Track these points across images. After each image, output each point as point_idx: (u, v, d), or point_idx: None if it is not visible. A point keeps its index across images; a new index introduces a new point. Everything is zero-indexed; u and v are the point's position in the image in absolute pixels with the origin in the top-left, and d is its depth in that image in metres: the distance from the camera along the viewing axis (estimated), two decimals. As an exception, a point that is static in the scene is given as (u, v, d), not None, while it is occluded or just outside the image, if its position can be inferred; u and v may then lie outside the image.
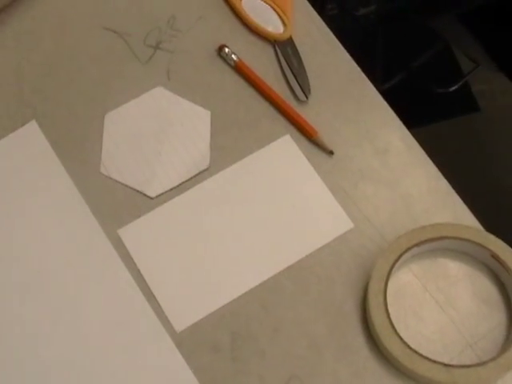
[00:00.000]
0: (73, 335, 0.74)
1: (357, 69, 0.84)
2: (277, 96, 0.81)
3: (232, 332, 0.73)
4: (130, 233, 0.77)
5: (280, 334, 0.73)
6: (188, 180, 0.79)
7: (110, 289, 0.75)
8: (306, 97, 0.81)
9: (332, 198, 0.78)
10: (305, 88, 0.81)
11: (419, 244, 0.73)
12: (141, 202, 0.78)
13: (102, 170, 0.79)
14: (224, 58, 0.83)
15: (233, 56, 0.83)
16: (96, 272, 0.76)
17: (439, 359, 0.70)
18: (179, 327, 0.74)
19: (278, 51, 0.84)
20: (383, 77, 1.55)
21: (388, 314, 0.71)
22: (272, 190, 0.79)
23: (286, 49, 0.83)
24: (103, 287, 0.75)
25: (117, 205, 0.78)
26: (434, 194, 0.78)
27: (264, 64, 0.84)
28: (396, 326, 0.70)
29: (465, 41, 1.25)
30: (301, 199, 0.78)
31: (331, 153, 0.79)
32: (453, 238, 0.74)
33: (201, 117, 0.81)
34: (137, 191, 0.78)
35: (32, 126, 0.81)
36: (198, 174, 0.79)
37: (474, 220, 0.77)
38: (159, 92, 0.83)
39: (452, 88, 1.63)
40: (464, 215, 0.78)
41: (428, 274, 0.75)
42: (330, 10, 1.60)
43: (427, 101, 1.64)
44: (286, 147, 0.80)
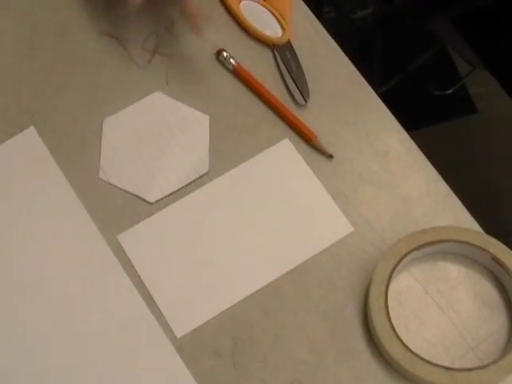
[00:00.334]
0: (73, 341, 0.73)
1: (356, 72, 0.84)
2: (275, 100, 0.81)
3: (233, 337, 0.73)
4: (130, 238, 0.77)
5: (281, 339, 0.73)
6: (187, 185, 0.79)
7: (110, 294, 0.75)
8: (305, 100, 0.81)
9: (332, 202, 0.78)
10: (304, 92, 0.81)
11: (419, 247, 0.73)
12: (140, 208, 0.78)
13: (101, 176, 0.79)
14: (222, 63, 0.83)
15: (231, 60, 0.82)
16: (96, 278, 0.75)
17: (441, 363, 0.70)
18: (180, 333, 0.73)
19: (277, 55, 0.84)
20: (381, 79, 1.55)
21: (389, 318, 0.71)
22: (272, 194, 0.78)
23: (285, 53, 0.83)
24: (103, 293, 0.75)
25: (116, 210, 0.78)
26: (434, 197, 0.78)
27: (263, 68, 0.84)
28: (397, 330, 0.70)
29: (461, 44, 1.25)
30: (301, 203, 0.78)
31: (330, 156, 0.79)
32: (453, 241, 0.74)
33: (199, 121, 0.81)
34: (136, 196, 0.78)
35: (30, 132, 0.81)
36: (198, 179, 0.79)
37: (474, 222, 0.77)
38: (158, 97, 0.83)
39: (449, 90, 1.63)
40: (464, 218, 0.78)
41: (429, 278, 0.75)
42: (327, 13, 1.60)
43: (425, 103, 1.65)
44: (286, 151, 0.80)
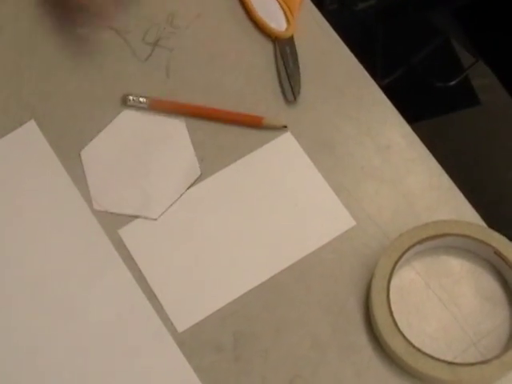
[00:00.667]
0: (74, 336, 0.73)
1: (358, 65, 0.84)
2: (208, 110, 0.81)
3: (234, 332, 0.73)
4: (131, 233, 0.76)
5: (283, 334, 0.73)
6: (185, 192, 0.78)
7: (111, 289, 0.75)
8: (295, 98, 0.81)
9: (334, 196, 0.77)
10: (295, 90, 0.81)
11: (421, 242, 0.73)
12: (141, 202, 0.78)
13: (96, 207, 0.77)
14: (133, 105, 0.82)
15: (140, 99, 0.81)
16: (97, 272, 0.75)
17: (443, 357, 0.69)
18: (181, 327, 0.73)
19: (277, 49, 0.83)
20: (383, 72, 1.54)
21: (391, 313, 0.70)
22: (273, 189, 0.78)
23: (285, 48, 0.83)
24: (104, 287, 0.75)
25: (117, 204, 0.78)
26: (436, 191, 0.78)
27: (260, 60, 0.84)
28: (399, 325, 0.70)
29: (464, 35, 1.25)
30: (302, 197, 0.78)
31: (284, 127, 0.80)
32: (455, 236, 0.73)
33: (177, 128, 0.80)
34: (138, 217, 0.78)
35: (31, 126, 0.81)
36: (194, 184, 0.78)
37: (477, 216, 0.77)
38: (127, 115, 0.81)
39: (452, 82, 1.62)
40: (466, 211, 0.77)
41: (431, 272, 0.75)
42: (330, 5, 1.59)
43: (428, 95, 1.64)
44: (287, 145, 0.79)
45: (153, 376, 0.72)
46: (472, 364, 0.69)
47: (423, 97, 1.63)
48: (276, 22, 0.84)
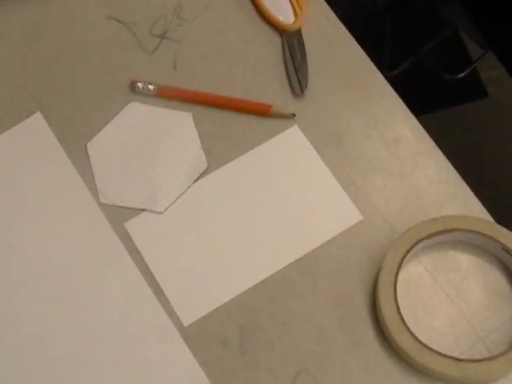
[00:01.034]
0: (80, 328, 0.73)
1: (366, 58, 0.83)
2: (215, 98, 0.81)
3: (240, 325, 0.73)
4: (137, 226, 0.76)
5: (289, 328, 0.73)
6: (192, 185, 0.78)
7: (118, 283, 0.75)
8: (302, 91, 0.81)
9: (341, 190, 0.77)
10: (302, 83, 0.81)
11: (430, 236, 0.72)
12: (148, 195, 0.78)
13: (102, 200, 0.77)
14: (141, 92, 0.81)
15: (149, 86, 0.81)
16: (103, 265, 0.75)
17: (450, 353, 0.69)
18: (187, 321, 0.73)
19: (285, 42, 0.83)
20: (391, 63, 1.54)
21: (398, 308, 0.70)
22: (280, 182, 0.78)
23: (293, 40, 0.82)
24: (110, 281, 0.75)
25: (123, 197, 0.78)
26: (444, 185, 0.78)
27: (268, 53, 0.83)
28: (406, 320, 0.70)
29: (472, 27, 1.24)
30: (309, 191, 0.77)
31: (293, 115, 0.79)
32: (463, 231, 0.73)
33: (183, 120, 0.80)
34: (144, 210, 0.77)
35: (37, 118, 0.80)
36: (200, 177, 0.78)
37: (484, 211, 0.77)
38: (134, 108, 0.81)
39: (461, 75, 1.62)
40: (474, 206, 0.77)
41: (438, 267, 0.74)
42: (338, -4, 1.59)
43: (436, 87, 1.63)
44: (295, 138, 0.79)
45: (159, 369, 0.72)
46: (479, 360, 0.69)
47: (431, 89, 1.62)
48: (284, 15, 0.84)
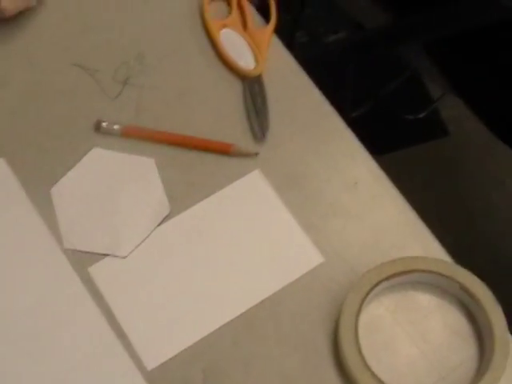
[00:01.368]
0: (42, 373, 0.73)
1: (325, 101, 0.85)
2: (179, 137, 0.82)
3: (204, 369, 0.73)
4: (101, 271, 0.76)
5: (252, 370, 0.73)
6: (154, 229, 0.79)
7: (80, 326, 0.74)
8: (264, 135, 0.82)
9: (302, 233, 0.78)
10: (263, 127, 0.82)
11: (389, 278, 0.73)
12: (111, 239, 0.78)
13: (66, 245, 0.77)
14: (106, 133, 0.83)
15: (114, 126, 0.82)
16: (66, 310, 0.75)
17: (411, 393, 0.70)
18: (151, 365, 0.73)
19: (246, 87, 0.84)
20: (353, 104, 1.56)
21: (360, 349, 0.71)
22: (242, 226, 0.79)
23: (254, 86, 0.84)
24: (73, 325, 0.75)
25: (87, 242, 0.78)
26: (403, 227, 0.79)
27: (229, 98, 0.85)
28: (368, 361, 0.70)
29: (432, 69, 1.27)
30: (271, 234, 0.78)
31: (256, 154, 0.81)
32: (422, 272, 0.74)
33: (146, 166, 0.81)
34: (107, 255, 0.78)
35: (1, 164, 0.81)
36: (163, 221, 0.79)
37: (443, 252, 0.78)
38: (97, 153, 0.82)
39: (421, 114, 1.65)
40: (432, 247, 0.78)
41: (399, 307, 0.75)
42: (300, 38, 1.61)
43: (398, 127, 1.66)
44: (256, 182, 0.80)
45: (123, 415, 0.72)
46: (440, 399, 0.70)
47: (393, 129, 1.65)
48: (245, 61, 0.86)
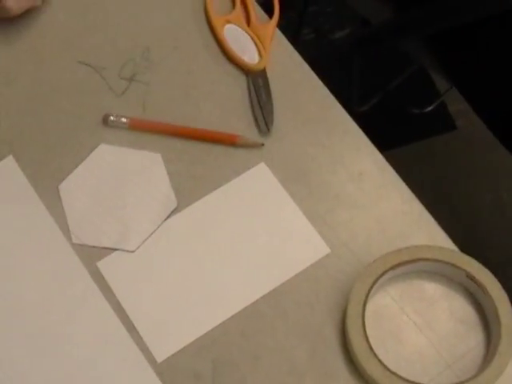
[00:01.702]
0: (53, 367, 0.74)
1: (329, 95, 0.85)
2: (185, 129, 0.83)
3: (213, 360, 0.74)
4: (109, 265, 0.77)
5: (260, 361, 0.74)
6: (162, 223, 0.79)
7: (90, 321, 0.75)
8: (268, 129, 0.83)
9: (308, 225, 0.79)
10: (268, 121, 0.83)
11: (395, 267, 0.74)
12: (119, 234, 0.79)
13: (74, 240, 0.78)
14: (113, 126, 0.84)
15: (122, 119, 0.83)
16: (76, 305, 0.76)
17: (419, 380, 0.70)
18: (160, 357, 0.74)
19: (250, 81, 0.85)
20: (360, 99, 1.56)
21: (367, 338, 0.71)
22: (249, 219, 0.79)
23: (258, 80, 0.85)
24: (83, 319, 0.75)
25: (95, 237, 0.79)
26: (408, 216, 0.79)
27: (234, 93, 0.85)
28: (375, 349, 0.71)
29: (438, 63, 1.27)
30: (277, 227, 0.79)
31: (262, 144, 0.82)
32: (428, 260, 0.74)
33: (153, 161, 0.82)
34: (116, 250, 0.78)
35: (9, 162, 0.82)
36: (170, 215, 0.80)
37: (448, 240, 0.78)
38: (103, 149, 0.83)
39: (428, 108, 1.65)
40: (438, 236, 0.79)
41: (405, 297, 0.76)
42: (307, 35, 1.62)
43: (405, 121, 1.66)
44: (262, 175, 0.81)
45: (133, 406, 0.73)
46: (447, 386, 0.70)
47: (400, 123, 1.65)
48: (249, 56, 0.86)
